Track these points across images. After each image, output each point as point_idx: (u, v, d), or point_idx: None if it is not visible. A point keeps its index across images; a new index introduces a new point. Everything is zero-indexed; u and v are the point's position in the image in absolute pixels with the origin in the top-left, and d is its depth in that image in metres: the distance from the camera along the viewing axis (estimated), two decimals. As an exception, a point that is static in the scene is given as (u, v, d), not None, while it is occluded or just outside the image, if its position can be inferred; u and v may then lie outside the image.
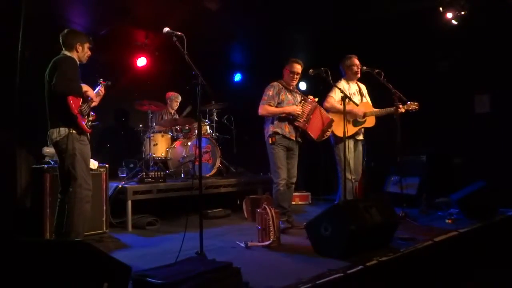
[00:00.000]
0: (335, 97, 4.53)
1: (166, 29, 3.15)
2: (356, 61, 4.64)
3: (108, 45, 5.63)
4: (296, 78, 4.43)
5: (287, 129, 4.35)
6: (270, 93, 4.40)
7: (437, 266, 3.41)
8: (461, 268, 3.57)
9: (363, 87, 4.83)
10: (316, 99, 4.44)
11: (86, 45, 3.43)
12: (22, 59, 4.14)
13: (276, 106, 4.37)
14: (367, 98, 4.78)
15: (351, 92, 4.65)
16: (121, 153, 5.92)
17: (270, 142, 4.34)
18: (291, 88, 4.48)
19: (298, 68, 4.39)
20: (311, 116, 4.37)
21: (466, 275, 3.56)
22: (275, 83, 4.46)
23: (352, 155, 4.58)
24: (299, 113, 4.31)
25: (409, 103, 4.55)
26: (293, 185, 4.54)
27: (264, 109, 4.36)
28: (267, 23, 5.98)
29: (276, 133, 4.32)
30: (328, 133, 4.50)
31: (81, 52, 3.40)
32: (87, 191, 3.30)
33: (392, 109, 4.51)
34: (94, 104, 3.47)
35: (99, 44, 3.79)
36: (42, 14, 4.60)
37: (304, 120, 4.33)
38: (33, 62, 4.19)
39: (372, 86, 4.86)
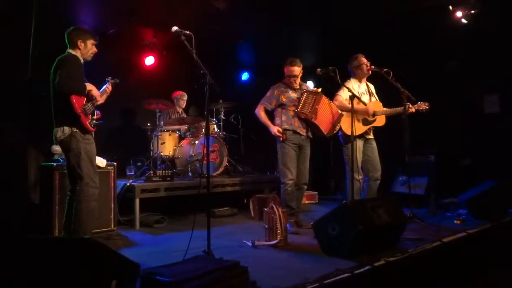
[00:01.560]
0: (343, 95, 4.48)
1: (175, 28, 3.15)
2: (364, 60, 4.60)
3: (116, 44, 5.68)
4: (294, 80, 4.35)
5: (296, 123, 4.30)
6: (268, 94, 4.43)
7: (445, 267, 3.39)
8: (470, 269, 3.54)
9: (371, 86, 4.80)
10: (319, 89, 4.36)
11: (90, 42, 3.36)
12: (32, 58, 4.17)
13: (277, 108, 4.38)
14: (376, 98, 4.74)
15: (360, 92, 4.60)
16: (129, 152, 5.96)
17: (282, 139, 4.29)
18: (295, 86, 4.40)
19: (295, 70, 4.31)
20: (317, 107, 4.24)
21: (475, 276, 3.53)
22: (275, 85, 4.44)
23: (362, 154, 4.54)
24: (278, 135, 4.26)
25: (419, 103, 4.48)
26: (305, 186, 4.48)
27: (259, 109, 4.45)
28: (274, 22, 5.97)
29: (286, 129, 4.29)
30: (337, 128, 4.45)
31: (84, 49, 3.33)
32: (94, 189, 3.30)
33: (401, 108, 4.45)
34: (100, 102, 3.42)
35: (107, 43, 3.80)
36: (51, 13, 4.64)
37: (310, 111, 4.20)
38: (43, 61, 4.22)
39: (380, 86, 4.83)
